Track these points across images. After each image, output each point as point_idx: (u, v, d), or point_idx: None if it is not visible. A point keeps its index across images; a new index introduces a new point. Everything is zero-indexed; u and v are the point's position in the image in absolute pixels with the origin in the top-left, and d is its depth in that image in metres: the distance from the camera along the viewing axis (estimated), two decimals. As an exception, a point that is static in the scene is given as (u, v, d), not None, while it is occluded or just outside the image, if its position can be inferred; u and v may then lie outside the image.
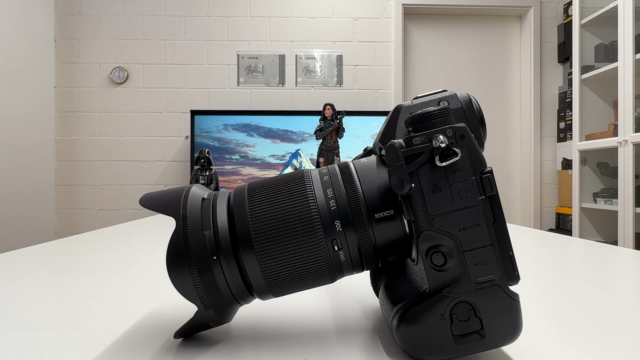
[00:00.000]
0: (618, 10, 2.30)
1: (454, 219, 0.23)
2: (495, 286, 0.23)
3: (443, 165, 0.23)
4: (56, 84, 2.91)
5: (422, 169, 0.24)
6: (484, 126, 0.28)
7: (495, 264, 0.23)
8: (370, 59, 3.03)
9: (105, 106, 2.95)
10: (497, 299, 0.23)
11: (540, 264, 0.55)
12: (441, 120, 0.24)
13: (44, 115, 2.81)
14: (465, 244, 0.23)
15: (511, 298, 0.23)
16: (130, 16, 2.96)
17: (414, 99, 0.28)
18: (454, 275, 0.23)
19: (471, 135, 0.24)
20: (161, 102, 2.97)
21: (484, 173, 0.24)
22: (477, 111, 0.26)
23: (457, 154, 0.23)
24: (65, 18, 2.93)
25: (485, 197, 0.24)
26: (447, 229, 0.23)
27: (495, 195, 0.24)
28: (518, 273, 0.24)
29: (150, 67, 2.97)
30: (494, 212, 0.24)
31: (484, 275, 0.23)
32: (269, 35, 3.00)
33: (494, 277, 0.23)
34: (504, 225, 0.24)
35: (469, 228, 0.23)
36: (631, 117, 2.24)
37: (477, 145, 0.24)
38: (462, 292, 0.23)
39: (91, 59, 2.96)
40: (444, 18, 3.14)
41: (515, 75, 3.20)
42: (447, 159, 0.23)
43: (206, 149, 1.81)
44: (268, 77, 3.01)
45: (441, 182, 0.24)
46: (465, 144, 0.24)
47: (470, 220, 0.23)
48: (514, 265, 0.24)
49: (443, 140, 0.23)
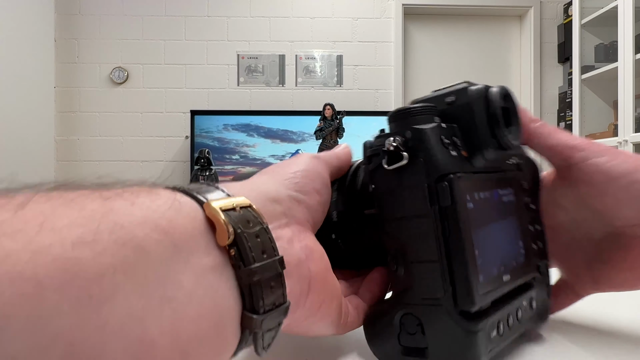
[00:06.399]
0: (618, 10, 2.30)
1: (402, 227, 0.22)
2: (440, 307, 0.21)
3: (390, 169, 0.22)
4: (56, 84, 2.91)
5: (378, 171, 0.23)
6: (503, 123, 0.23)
7: (439, 283, 0.21)
8: (370, 59, 3.03)
9: (105, 106, 2.95)
10: (442, 323, 0.21)
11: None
12: (414, 119, 0.22)
13: (44, 115, 2.81)
14: (410, 254, 0.22)
15: (458, 325, 0.21)
16: (130, 16, 2.96)
17: (433, 92, 0.26)
18: (405, 284, 0.22)
19: (432, 139, 0.22)
20: (161, 102, 2.97)
21: (440, 180, 0.21)
22: (494, 107, 0.23)
23: (403, 158, 0.22)
24: (65, 18, 2.93)
25: (438, 208, 0.21)
26: (396, 235, 0.22)
27: (451, 207, 0.21)
28: (474, 299, 0.20)
29: (150, 67, 2.97)
30: (449, 225, 0.21)
31: (428, 292, 0.21)
32: (269, 35, 3.00)
33: (439, 297, 0.21)
34: (462, 242, 0.21)
35: (415, 238, 0.22)
36: (631, 117, 2.24)
37: (442, 149, 0.22)
38: (410, 303, 0.22)
39: (91, 59, 2.95)
40: (444, 18, 3.14)
41: (515, 75, 3.20)
42: (394, 162, 0.22)
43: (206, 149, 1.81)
44: (268, 77, 3.01)
45: (394, 186, 0.22)
46: (421, 148, 0.22)
47: (417, 230, 0.22)
48: (469, 289, 0.20)
49: (390, 143, 0.22)
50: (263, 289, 0.17)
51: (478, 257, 0.21)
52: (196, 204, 0.17)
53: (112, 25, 2.96)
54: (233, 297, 0.16)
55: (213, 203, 0.17)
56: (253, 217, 0.18)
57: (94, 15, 2.96)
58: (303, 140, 2.84)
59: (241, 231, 0.16)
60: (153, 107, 2.97)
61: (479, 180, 0.23)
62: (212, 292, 0.15)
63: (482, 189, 0.23)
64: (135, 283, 0.13)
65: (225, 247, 0.16)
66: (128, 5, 2.97)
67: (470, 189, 0.22)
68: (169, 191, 0.17)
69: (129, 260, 0.13)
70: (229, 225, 0.16)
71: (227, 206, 0.17)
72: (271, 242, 0.18)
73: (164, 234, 0.14)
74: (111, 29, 2.96)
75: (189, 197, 0.17)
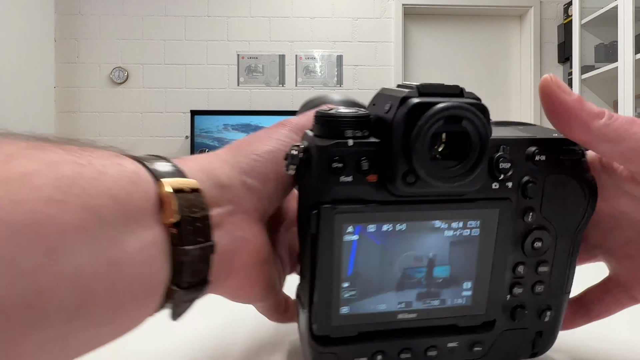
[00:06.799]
0: (618, 10, 2.30)
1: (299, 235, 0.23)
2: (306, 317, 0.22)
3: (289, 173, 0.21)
4: (56, 84, 2.91)
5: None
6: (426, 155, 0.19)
7: (307, 299, 0.22)
8: (370, 59, 3.03)
9: (105, 106, 2.95)
10: (304, 338, 0.22)
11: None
12: (333, 128, 0.20)
13: (44, 115, 2.81)
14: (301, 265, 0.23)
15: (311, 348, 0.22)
16: (130, 16, 2.96)
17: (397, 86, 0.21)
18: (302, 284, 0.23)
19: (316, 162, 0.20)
20: (161, 102, 2.97)
21: (313, 207, 0.20)
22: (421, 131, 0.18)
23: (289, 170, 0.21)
24: (65, 18, 2.93)
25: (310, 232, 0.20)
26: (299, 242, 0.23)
27: (316, 236, 0.20)
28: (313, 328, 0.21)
29: (150, 67, 2.97)
30: (313, 252, 0.21)
31: (304, 300, 0.22)
32: (269, 35, 2.99)
33: (305, 310, 0.22)
34: (313, 273, 0.21)
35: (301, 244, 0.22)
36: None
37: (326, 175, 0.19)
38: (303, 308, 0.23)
39: (91, 59, 2.95)
40: (444, 18, 3.14)
41: (515, 75, 3.20)
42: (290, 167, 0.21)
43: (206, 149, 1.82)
44: (268, 77, 3.01)
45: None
46: (305, 168, 0.21)
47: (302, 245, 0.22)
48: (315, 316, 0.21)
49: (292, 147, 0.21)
50: (190, 268, 0.19)
51: (347, 289, 0.21)
52: (152, 179, 0.18)
53: (112, 25, 2.96)
54: (164, 269, 0.18)
55: (166, 184, 0.18)
56: (199, 202, 0.19)
57: (94, 15, 2.96)
58: (303, 140, 2.85)
59: (185, 214, 0.18)
60: (153, 107, 2.97)
61: (386, 211, 0.20)
62: (149, 261, 0.17)
63: (390, 220, 0.21)
64: (89, 242, 0.15)
65: (168, 225, 0.18)
66: (128, 5, 2.96)
67: (359, 220, 0.20)
68: (133, 163, 0.19)
69: (87, 223, 0.15)
70: (175, 207, 0.18)
71: (179, 186, 0.19)
72: (208, 228, 0.19)
73: (119, 204, 0.17)
74: (111, 29, 2.96)
75: (149, 172, 0.19)
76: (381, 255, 0.21)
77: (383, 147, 0.20)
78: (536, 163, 0.22)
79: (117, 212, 0.16)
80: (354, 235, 0.21)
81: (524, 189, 0.22)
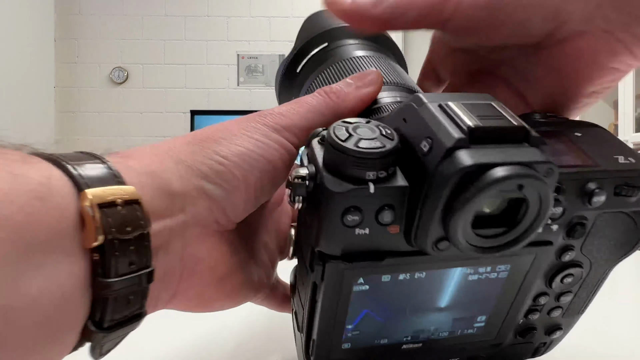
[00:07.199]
0: (618, 10, 2.30)
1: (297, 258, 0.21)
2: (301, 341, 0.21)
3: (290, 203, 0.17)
4: (56, 84, 2.90)
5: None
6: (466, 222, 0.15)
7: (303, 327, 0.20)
8: (370, 59, 3.02)
9: (105, 106, 2.95)
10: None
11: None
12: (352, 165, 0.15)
13: (44, 115, 2.80)
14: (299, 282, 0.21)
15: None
16: (130, 16, 2.96)
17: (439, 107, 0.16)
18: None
19: (328, 210, 0.15)
20: (161, 102, 2.97)
21: (320, 258, 0.17)
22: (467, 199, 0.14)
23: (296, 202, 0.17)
24: (65, 18, 2.93)
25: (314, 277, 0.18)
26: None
27: (319, 285, 0.17)
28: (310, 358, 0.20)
29: (150, 67, 2.97)
30: (314, 297, 0.18)
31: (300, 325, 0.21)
32: (269, 35, 2.99)
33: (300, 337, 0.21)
34: (312, 316, 0.19)
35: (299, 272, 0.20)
36: (631, 117, 2.24)
37: (338, 226, 0.15)
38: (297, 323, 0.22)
39: (91, 58, 2.95)
40: (444, 18, 3.14)
41: (515, 75, 3.20)
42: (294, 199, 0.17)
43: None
44: (268, 77, 3.00)
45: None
46: (316, 216, 0.16)
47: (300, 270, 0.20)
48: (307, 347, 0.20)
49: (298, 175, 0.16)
50: (116, 304, 0.15)
51: (351, 330, 0.19)
52: (72, 189, 0.14)
53: (112, 25, 2.95)
54: (82, 306, 0.14)
55: (88, 196, 0.14)
56: (135, 218, 0.15)
57: (94, 15, 2.96)
58: (303, 140, 2.84)
59: (112, 237, 0.14)
60: (153, 107, 2.97)
61: (405, 263, 0.17)
62: (59, 301, 0.13)
63: (408, 270, 0.18)
64: None
65: (89, 249, 0.14)
66: (128, 5, 2.96)
67: (373, 272, 0.17)
68: (45, 170, 0.14)
69: None
70: (98, 228, 0.14)
71: (108, 197, 0.14)
72: (146, 250, 0.15)
73: (15, 232, 0.12)
74: (111, 28, 2.95)
75: (69, 179, 0.14)
76: (394, 302, 0.19)
77: (413, 196, 0.15)
78: (592, 203, 0.18)
79: (11, 242, 0.12)
80: (364, 285, 0.18)
81: (571, 230, 0.18)
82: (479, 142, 0.14)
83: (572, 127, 0.20)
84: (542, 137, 0.15)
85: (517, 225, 0.15)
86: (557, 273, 0.20)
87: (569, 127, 0.20)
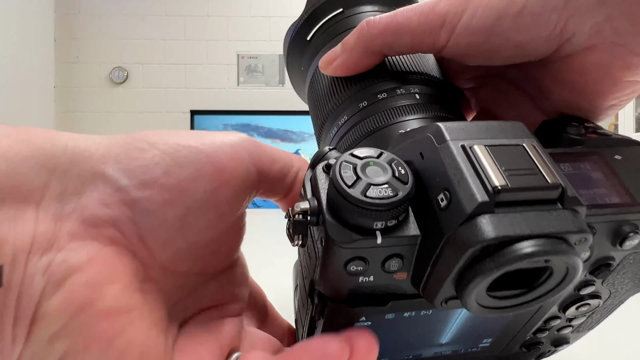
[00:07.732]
0: (618, 10, 2.30)
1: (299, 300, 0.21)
2: None
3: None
4: (56, 84, 2.90)
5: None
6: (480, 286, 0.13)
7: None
8: (370, 59, 3.02)
9: (105, 106, 2.95)
10: None
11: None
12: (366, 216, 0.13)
13: (43, 115, 2.80)
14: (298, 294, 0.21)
15: None
16: (130, 16, 2.96)
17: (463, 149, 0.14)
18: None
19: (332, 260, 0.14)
20: (161, 102, 2.96)
21: (320, 299, 0.16)
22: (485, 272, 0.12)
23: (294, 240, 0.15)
24: (65, 18, 2.93)
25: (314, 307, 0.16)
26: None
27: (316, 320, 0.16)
28: None
29: (150, 67, 2.96)
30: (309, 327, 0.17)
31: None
32: (269, 35, 2.99)
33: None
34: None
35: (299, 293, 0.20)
36: (631, 117, 2.24)
37: (342, 275, 0.14)
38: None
39: (91, 58, 2.95)
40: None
41: (515, 75, 3.19)
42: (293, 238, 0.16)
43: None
44: (268, 77, 3.00)
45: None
46: (318, 262, 0.15)
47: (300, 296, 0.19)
48: None
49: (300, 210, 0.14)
50: None
51: None
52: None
53: (112, 25, 2.95)
54: None
55: None
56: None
57: (94, 15, 2.95)
58: (303, 140, 2.84)
59: None
60: (153, 107, 2.97)
61: (410, 305, 0.16)
62: None
63: (414, 309, 0.17)
64: None
65: None
66: (128, 5, 2.96)
67: (375, 314, 0.16)
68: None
69: None
70: None
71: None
72: None
73: None
74: (111, 28, 2.95)
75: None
76: (397, 336, 0.18)
77: (425, 245, 0.14)
78: (624, 246, 0.16)
79: None
80: (366, 322, 0.17)
81: (596, 270, 0.17)
82: (505, 205, 0.12)
83: (612, 145, 0.18)
84: (578, 197, 0.13)
85: (536, 288, 0.14)
86: (574, 303, 0.19)
87: (608, 145, 0.18)
